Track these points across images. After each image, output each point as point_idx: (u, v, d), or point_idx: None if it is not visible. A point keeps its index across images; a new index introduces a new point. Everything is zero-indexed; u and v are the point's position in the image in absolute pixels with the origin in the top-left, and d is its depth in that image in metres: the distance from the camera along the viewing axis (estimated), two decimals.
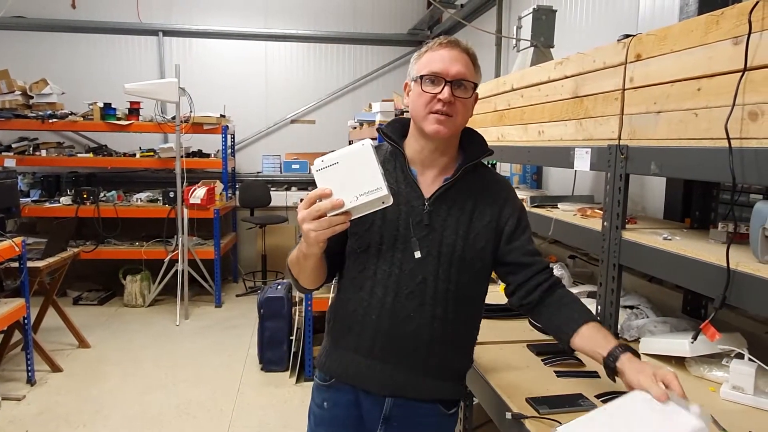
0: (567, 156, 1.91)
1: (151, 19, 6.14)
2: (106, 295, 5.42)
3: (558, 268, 2.39)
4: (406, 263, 1.26)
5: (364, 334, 1.30)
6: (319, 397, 1.39)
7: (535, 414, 1.27)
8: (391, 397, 1.31)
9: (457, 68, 1.24)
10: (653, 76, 1.48)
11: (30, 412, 3.19)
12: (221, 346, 4.26)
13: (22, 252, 3.29)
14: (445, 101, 1.22)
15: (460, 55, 1.26)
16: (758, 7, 1.12)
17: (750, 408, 1.29)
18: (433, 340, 1.28)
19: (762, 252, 1.19)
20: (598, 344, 1.20)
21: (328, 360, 1.38)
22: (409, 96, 1.31)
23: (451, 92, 1.23)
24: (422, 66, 1.27)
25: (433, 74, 1.23)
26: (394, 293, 1.27)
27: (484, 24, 4.91)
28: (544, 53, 2.67)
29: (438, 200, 1.28)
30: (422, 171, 1.31)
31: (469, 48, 1.29)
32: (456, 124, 1.27)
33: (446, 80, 1.23)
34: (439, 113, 1.23)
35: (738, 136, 1.18)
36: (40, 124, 5.17)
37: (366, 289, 1.29)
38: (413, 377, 1.30)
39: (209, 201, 5.13)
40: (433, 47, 1.28)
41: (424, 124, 1.25)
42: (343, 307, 1.34)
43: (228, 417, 3.18)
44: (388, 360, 1.29)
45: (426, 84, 1.24)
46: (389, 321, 1.28)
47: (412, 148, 1.32)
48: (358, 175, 1.05)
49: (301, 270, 1.24)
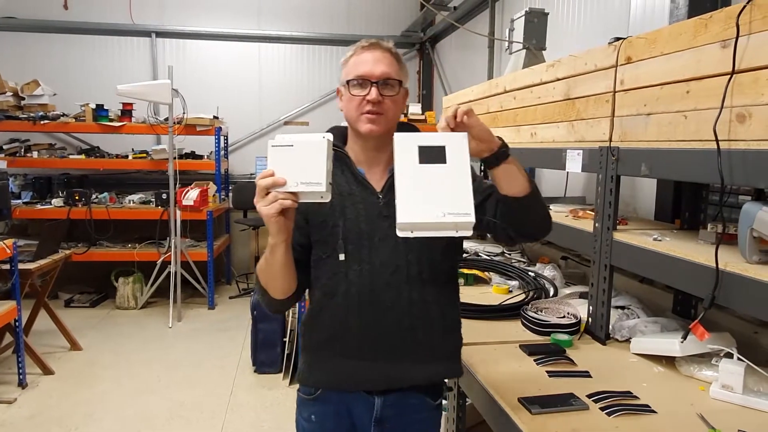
0: (559, 158, 1.92)
1: (143, 20, 6.12)
2: (98, 297, 5.39)
3: (550, 269, 2.40)
4: (376, 257, 1.29)
5: (348, 337, 1.31)
6: (306, 411, 1.40)
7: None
8: (384, 395, 1.32)
9: (381, 69, 1.28)
10: (643, 78, 1.49)
11: (21, 416, 3.16)
12: (214, 349, 4.24)
13: (13, 254, 3.27)
14: (374, 101, 1.27)
15: (382, 56, 1.30)
16: (746, 11, 1.14)
17: (739, 407, 1.30)
18: (415, 325, 1.30)
19: (750, 252, 1.21)
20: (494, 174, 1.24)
21: (313, 373, 1.38)
22: (342, 101, 1.35)
23: (378, 92, 1.27)
24: (349, 71, 1.31)
25: (359, 77, 1.28)
26: (370, 289, 1.29)
27: (477, 26, 4.93)
28: (536, 56, 2.69)
29: (390, 190, 1.30)
30: (369, 169, 1.36)
31: (392, 47, 1.33)
32: (388, 120, 1.31)
33: (372, 82, 1.28)
34: (369, 113, 1.28)
35: (726, 138, 1.19)
36: (32, 126, 5.14)
37: (340, 293, 1.30)
38: (406, 366, 1.31)
39: (202, 203, 5.12)
40: (356, 52, 1.32)
41: (358, 125, 1.31)
42: (320, 317, 1.35)
43: (221, 419, 3.17)
44: (377, 356, 1.30)
45: (354, 88, 1.29)
46: (371, 317, 1.29)
47: (354, 150, 1.37)
48: (306, 164, 1.08)
49: (269, 272, 1.25)
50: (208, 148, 5.69)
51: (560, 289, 2.23)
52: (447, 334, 1.38)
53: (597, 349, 1.67)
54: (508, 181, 1.21)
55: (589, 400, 1.31)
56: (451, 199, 1.06)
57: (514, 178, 1.21)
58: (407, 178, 1.08)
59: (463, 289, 2.24)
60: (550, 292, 2.15)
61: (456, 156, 1.09)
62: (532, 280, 2.23)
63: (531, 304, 1.92)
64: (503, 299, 2.07)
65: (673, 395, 1.36)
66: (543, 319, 1.78)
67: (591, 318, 1.76)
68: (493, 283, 2.32)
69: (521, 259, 2.79)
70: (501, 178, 1.22)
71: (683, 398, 1.35)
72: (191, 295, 5.38)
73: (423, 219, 1.06)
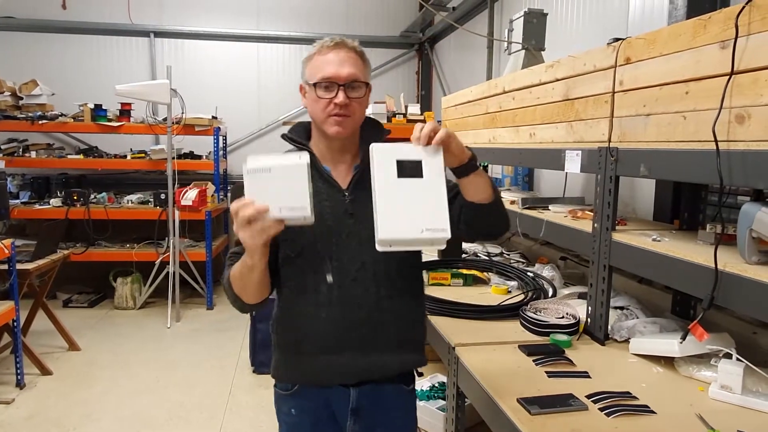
0: (558, 158, 1.92)
1: (142, 20, 6.11)
2: (97, 297, 5.38)
3: (549, 269, 2.40)
4: (344, 254, 1.30)
5: (320, 333, 1.34)
6: (286, 405, 1.42)
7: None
8: (358, 386, 1.36)
9: (348, 70, 1.28)
10: (642, 79, 1.49)
11: (19, 416, 3.16)
12: (213, 349, 4.24)
13: (11, 254, 3.26)
14: (341, 105, 1.27)
15: (348, 56, 1.30)
16: (745, 12, 1.14)
17: (738, 407, 1.30)
18: (384, 319, 1.34)
19: (749, 253, 1.21)
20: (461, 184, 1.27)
21: (287, 371, 1.41)
22: (306, 99, 1.35)
23: (345, 95, 1.27)
24: (314, 71, 1.30)
25: (325, 80, 1.27)
26: (339, 285, 1.31)
27: (476, 27, 4.93)
28: (536, 56, 2.69)
29: (356, 188, 1.33)
30: (334, 166, 1.37)
31: (356, 46, 1.33)
32: (354, 122, 1.33)
33: (339, 84, 1.27)
34: (336, 116, 1.28)
35: (725, 139, 1.20)
36: (30, 126, 5.13)
37: (310, 291, 1.32)
38: (377, 358, 1.35)
39: (201, 203, 5.11)
40: (321, 50, 1.30)
41: (325, 127, 1.31)
42: (291, 316, 1.37)
43: (219, 420, 3.17)
44: (349, 350, 1.34)
45: (321, 90, 1.28)
46: (341, 313, 1.32)
47: (320, 148, 1.37)
48: (287, 189, 1.06)
49: (244, 285, 1.25)
50: (206, 148, 5.69)
51: (559, 289, 2.23)
52: (414, 325, 1.43)
53: (596, 349, 1.67)
54: (474, 190, 1.25)
55: (588, 400, 1.31)
56: (428, 215, 1.10)
57: (481, 187, 1.25)
58: (386, 193, 1.10)
59: (463, 290, 2.26)
60: (549, 292, 2.15)
61: (432, 170, 1.11)
62: (531, 280, 2.23)
63: (530, 305, 1.92)
64: (502, 300, 2.07)
65: (672, 396, 1.36)
66: (542, 320, 1.78)
67: (590, 318, 1.76)
68: (492, 284, 2.32)
69: (520, 260, 2.80)
70: (468, 187, 1.25)
71: (682, 399, 1.35)
72: (190, 296, 5.37)
73: (403, 236, 1.09)
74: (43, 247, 3.79)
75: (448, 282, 2.31)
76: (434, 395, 2.29)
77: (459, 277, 2.32)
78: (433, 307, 1.94)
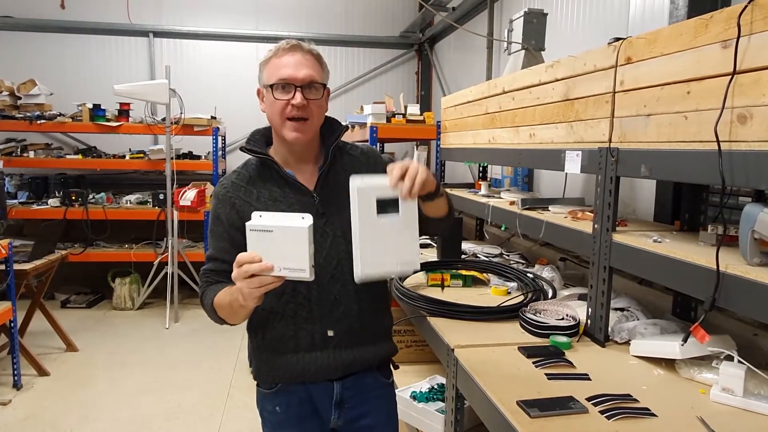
0: (558, 159, 1.91)
1: (141, 20, 6.10)
2: (95, 298, 5.37)
3: (549, 270, 2.39)
4: (319, 254, 1.30)
5: (300, 332, 1.37)
6: (270, 404, 1.44)
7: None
8: (342, 379, 1.40)
9: (305, 72, 1.29)
10: (643, 79, 1.48)
11: (16, 417, 3.14)
12: (211, 350, 4.23)
13: (8, 254, 3.25)
14: (299, 106, 1.28)
15: (304, 58, 1.31)
16: (747, 11, 1.13)
17: (739, 410, 1.29)
18: (362, 312, 1.40)
19: (751, 254, 1.20)
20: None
21: (269, 371, 1.43)
22: (264, 103, 1.35)
23: (302, 96, 1.28)
24: (271, 73, 1.30)
25: (282, 81, 1.28)
26: (317, 284, 1.33)
27: (476, 27, 4.93)
28: (535, 56, 2.68)
29: (322, 188, 1.36)
30: (298, 170, 1.38)
31: (313, 48, 1.34)
32: (314, 125, 1.34)
33: (296, 86, 1.28)
34: (294, 119, 1.30)
35: (727, 139, 1.18)
36: (28, 125, 5.12)
37: (288, 293, 1.34)
38: (357, 351, 1.40)
39: (199, 203, 5.10)
40: (277, 53, 1.31)
41: (284, 132, 1.32)
42: (269, 318, 1.39)
43: (218, 421, 3.16)
44: (330, 345, 1.38)
45: (278, 92, 1.29)
46: (320, 311, 1.36)
47: (281, 153, 1.39)
48: (289, 250, 1.10)
49: (234, 315, 1.27)
50: (205, 148, 5.68)
51: (559, 290, 2.22)
52: (386, 314, 1.52)
53: (596, 351, 1.66)
54: (435, 209, 1.35)
55: (588, 403, 1.30)
56: (403, 249, 1.20)
57: (441, 205, 1.35)
58: (366, 230, 1.18)
59: (462, 291, 2.25)
60: (549, 293, 2.14)
61: (407, 205, 1.19)
62: (530, 281, 2.22)
63: (530, 306, 1.91)
64: (502, 301, 2.05)
65: (673, 398, 1.35)
66: (542, 321, 1.77)
67: (590, 320, 1.74)
68: (491, 285, 2.30)
69: (520, 261, 2.79)
70: (430, 207, 1.32)
71: (683, 401, 1.34)
72: (188, 296, 5.36)
73: (380, 271, 1.22)
74: (41, 248, 3.78)
75: (448, 283, 2.29)
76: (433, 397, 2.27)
77: (458, 278, 2.31)
78: (432, 308, 1.93)
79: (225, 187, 1.40)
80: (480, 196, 2.93)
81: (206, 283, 1.36)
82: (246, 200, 1.37)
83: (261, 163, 1.40)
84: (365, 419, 1.46)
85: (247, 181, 1.39)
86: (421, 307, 1.96)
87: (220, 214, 1.39)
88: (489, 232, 3.51)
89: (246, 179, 1.40)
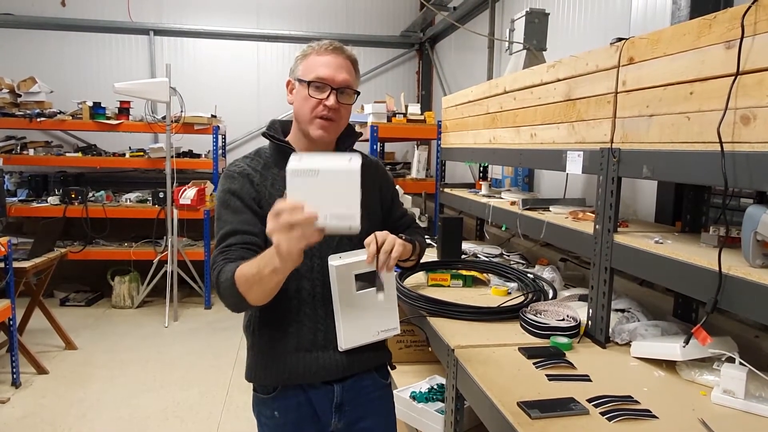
0: (559, 159, 1.91)
1: (142, 18, 6.09)
2: (94, 296, 5.36)
3: (549, 270, 2.39)
4: (325, 251, 1.31)
5: (303, 330, 1.36)
6: (268, 409, 1.42)
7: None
8: (342, 381, 1.40)
9: (343, 76, 1.31)
10: (646, 79, 1.48)
11: (14, 416, 3.14)
12: (210, 349, 4.22)
13: (8, 252, 3.24)
14: (332, 108, 1.29)
15: (344, 63, 1.32)
16: (751, 12, 1.13)
17: (741, 412, 1.29)
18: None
19: (753, 256, 1.20)
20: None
21: (269, 372, 1.40)
22: (294, 95, 1.35)
23: (336, 99, 1.29)
24: (308, 69, 1.30)
25: (320, 80, 1.29)
26: (321, 282, 1.33)
27: (477, 27, 4.92)
28: (537, 56, 2.68)
29: None
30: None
31: (352, 54, 1.35)
32: (339, 127, 1.35)
33: (332, 87, 1.29)
34: (323, 119, 1.30)
35: (730, 140, 1.18)
36: (28, 123, 5.11)
37: (292, 288, 1.33)
38: (356, 353, 1.38)
39: (199, 202, 5.09)
40: (319, 51, 1.31)
41: (310, 128, 1.32)
42: (272, 314, 1.37)
43: (217, 420, 3.15)
44: (330, 345, 1.36)
45: (313, 89, 1.29)
46: (323, 308, 1.35)
47: (297, 146, 1.38)
48: (336, 195, 0.98)
49: (260, 286, 1.14)
50: (205, 146, 5.67)
51: (559, 291, 2.22)
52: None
53: (597, 352, 1.66)
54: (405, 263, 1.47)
55: (589, 404, 1.29)
56: (383, 318, 1.30)
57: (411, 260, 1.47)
58: (347, 306, 1.27)
59: (462, 291, 2.24)
60: (550, 294, 2.14)
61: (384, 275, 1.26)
62: (531, 281, 2.22)
63: (530, 307, 1.90)
64: (502, 301, 2.05)
65: (674, 400, 1.35)
66: (542, 322, 1.77)
67: (591, 321, 1.74)
68: (491, 285, 2.30)
69: (520, 261, 2.78)
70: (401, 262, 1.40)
71: (684, 403, 1.33)
72: (188, 295, 5.36)
73: (362, 341, 1.34)
74: (41, 246, 3.77)
75: (448, 283, 2.29)
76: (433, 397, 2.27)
77: (458, 279, 2.30)
78: (433, 309, 1.93)
79: (240, 167, 1.37)
80: (480, 196, 2.93)
81: (225, 261, 1.23)
82: (262, 182, 1.35)
83: (277, 150, 1.39)
84: (364, 421, 1.45)
85: (262, 167, 1.38)
86: (421, 307, 1.96)
87: (235, 190, 1.32)
88: (489, 233, 3.50)
89: (261, 165, 1.39)
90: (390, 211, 1.55)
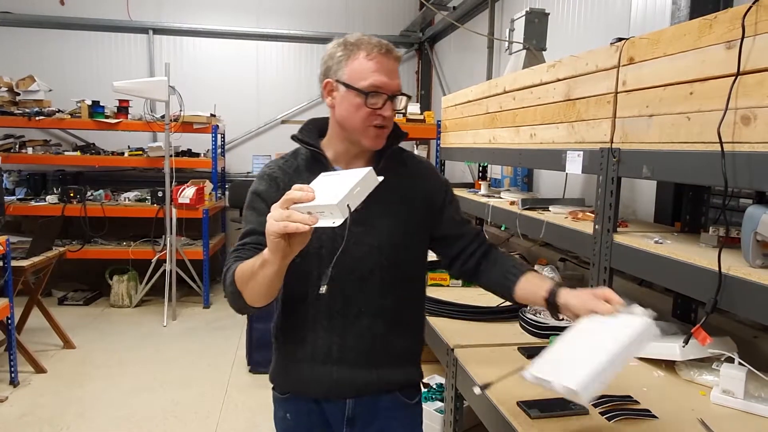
0: (559, 159, 1.91)
1: (141, 17, 6.08)
2: (92, 295, 5.35)
3: (548, 270, 2.39)
4: (350, 261, 1.22)
5: (318, 341, 1.29)
6: (281, 409, 1.40)
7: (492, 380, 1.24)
8: (355, 397, 1.32)
9: (397, 82, 1.23)
10: (646, 79, 1.48)
11: (12, 414, 3.13)
12: (209, 348, 4.21)
13: (6, 251, 3.23)
14: (388, 117, 1.22)
15: (395, 66, 1.24)
16: (751, 12, 1.13)
17: (740, 412, 1.29)
18: (387, 330, 1.29)
19: (753, 256, 1.19)
20: (537, 287, 1.25)
21: (283, 377, 1.37)
22: (338, 101, 1.24)
23: (392, 108, 1.23)
24: (358, 74, 1.20)
25: (377, 88, 1.20)
26: (341, 292, 1.25)
27: (477, 26, 4.92)
28: (537, 56, 2.68)
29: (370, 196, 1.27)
30: (347, 167, 1.29)
31: (399, 54, 1.28)
32: (388, 132, 1.27)
33: (388, 96, 1.21)
34: (377, 127, 1.23)
35: (730, 140, 1.18)
36: (27, 122, 5.10)
37: (312, 296, 1.27)
38: (372, 373, 1.30)
39: (198, 201, 5.09)
40: (369, 53, 1.20)
41: (362, 138, 1.24)
42: (291, 320, 1.33)
43: (215, 419, 3.15)
44: (345, 361, 1.29)
45: (371, 98, 1.20)
46: (342, 321, 1.27)
47: (336, 149, 1.30)
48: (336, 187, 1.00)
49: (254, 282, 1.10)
50: (204, 146, 5.66)
51: None
52: (415, 337, 1.40)
53: None
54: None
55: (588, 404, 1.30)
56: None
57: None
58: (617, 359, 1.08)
59: (462, 291, 2.24)
60: None
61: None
62: None
63: (529, 306, 1.90)
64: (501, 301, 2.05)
65: (673, 400, 1.35)
66: (542, 322, 1.77)
67: None
68: None
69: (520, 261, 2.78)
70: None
71: (684, 403, 1.33)
72: (186, 294, 5.35)
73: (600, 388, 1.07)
74: (39, 244, 3.76)
75: (447, 283, 2.29)
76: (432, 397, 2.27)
77: None
78: (432, 308, 1.93)
79: (271, 168, 1.34)
80: (480, 196, 2.93)
81: (236, 259, 1.20)
82: (286, 187, 1.22)
83: (312, 155, 1.32)
84: None
85: (295, 170, 1.32)
86: None
87: (261, 192, 1.30)
88: (488, 232, 3.50)
89: (294, 167, 1.33)
90: (441, 211, 1.38)
